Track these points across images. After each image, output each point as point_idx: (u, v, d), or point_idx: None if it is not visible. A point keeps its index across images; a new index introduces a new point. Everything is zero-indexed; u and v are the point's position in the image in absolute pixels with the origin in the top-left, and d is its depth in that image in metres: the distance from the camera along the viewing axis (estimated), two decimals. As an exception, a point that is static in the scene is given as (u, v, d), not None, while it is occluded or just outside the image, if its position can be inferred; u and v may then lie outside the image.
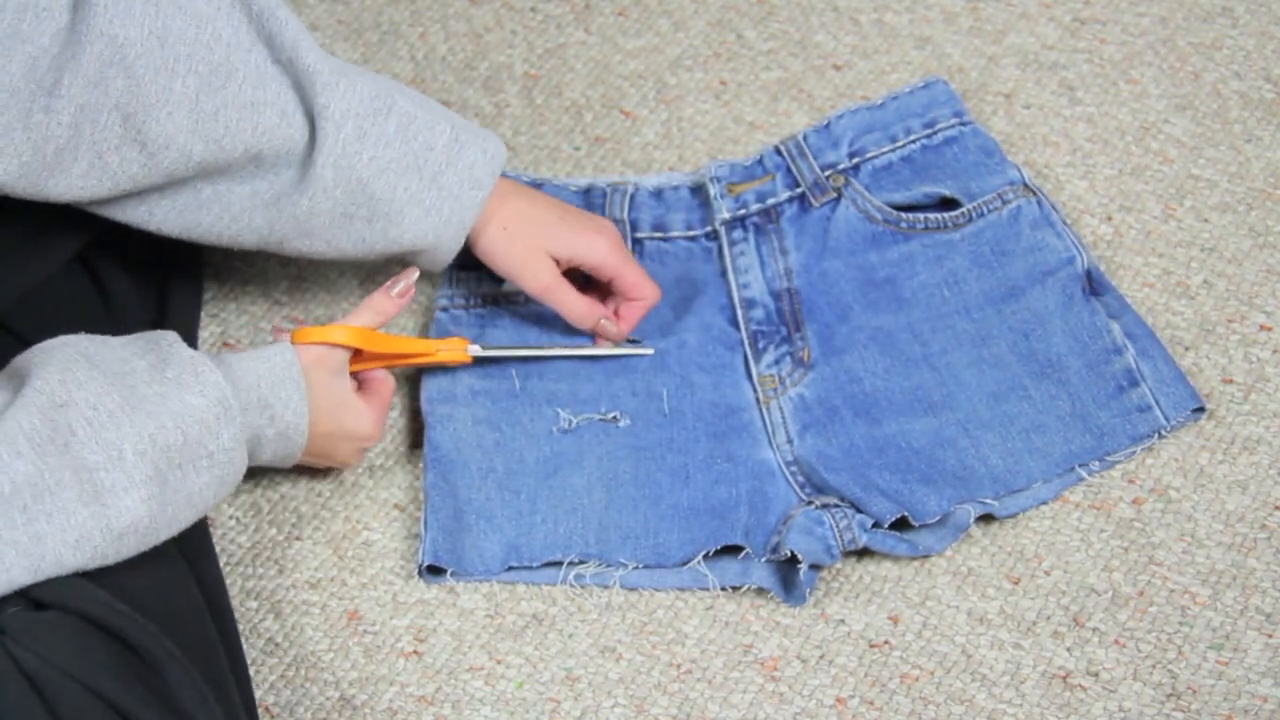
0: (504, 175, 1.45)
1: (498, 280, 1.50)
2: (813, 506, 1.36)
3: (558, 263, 1.44)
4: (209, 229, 1.37)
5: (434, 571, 1.37)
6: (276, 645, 1.34)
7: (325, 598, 1.36)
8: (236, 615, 1.34)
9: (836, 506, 1.35)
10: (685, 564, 1.36)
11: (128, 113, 1.28)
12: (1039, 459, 1.39)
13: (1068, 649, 1.32)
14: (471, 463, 1.41)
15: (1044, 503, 1.38)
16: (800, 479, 1.39)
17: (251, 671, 1.32)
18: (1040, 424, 1.40)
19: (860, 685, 1.31)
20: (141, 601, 1.18)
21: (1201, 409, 1.40)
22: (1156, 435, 1.39)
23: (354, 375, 1.38)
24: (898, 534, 1.35)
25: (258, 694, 1.32)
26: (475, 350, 1.43)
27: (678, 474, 1.40)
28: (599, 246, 1.44)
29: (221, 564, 1.37)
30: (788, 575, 1.35)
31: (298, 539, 1.40)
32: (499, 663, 1.34)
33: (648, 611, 1.36)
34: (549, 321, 1.48)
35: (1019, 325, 1.44)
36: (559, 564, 1.37)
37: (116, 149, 1.29)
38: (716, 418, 1.43)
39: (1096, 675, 1.30)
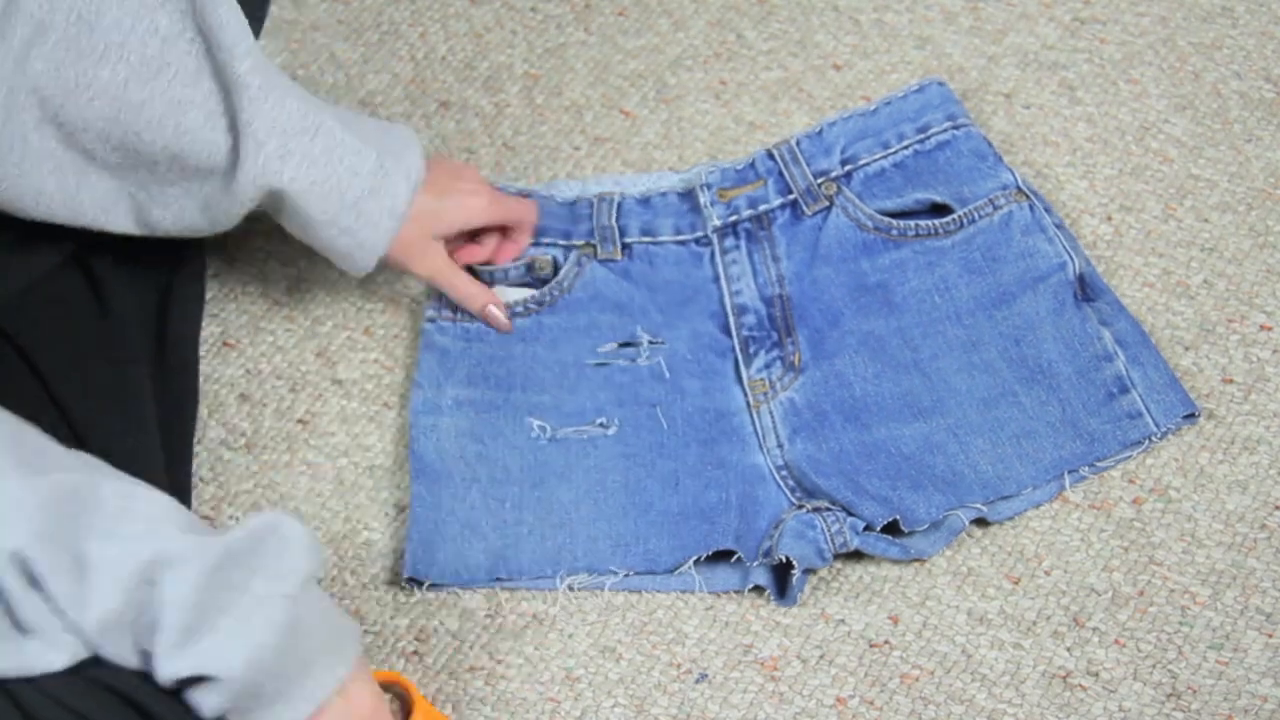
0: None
1: None
2: (804, 510, 1.35)
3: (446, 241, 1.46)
4: (158, 226, 1.37)
5: (415, 581, 1.37)
6: (276, 645, 1.34)
7: (325, 598, 1.36)
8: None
9: (828, 510, 1.35)
10: (675, 570, 1.36)
11: (44, 96, 1.28)
12: (1029, 465, 1.38)
13: (1068, 649, 1.32)
14: (455, 473, 1.40)
15: (1037, 505, 1.38)
16: (791, 483, 1.38)
17: (251, 671, 1.33)
18: (1030, 430, 1.40)
19: (860, 685, 1.31)
20: None
21: (1194, 415, 1.40)
22: (1147, 442, 1.39)
23: None
24: (889, 537, 1.35)
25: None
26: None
27: (668, 480, 1.40)
28: (475, 207, 1.46)
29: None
30: (780, 577, 1.35)
31: (298, 539, 1.40)
32: (499, 663, 1.34)
33: (648, 611, 1.36)
34: (534, 336, 1.47)
35: (1010, 331, 1.44)
36: (549, 575, 1.37)
37: (36, 128, 1.29)
38: (706, 423, 1.43)
39: (1096, 675, 1.30)
